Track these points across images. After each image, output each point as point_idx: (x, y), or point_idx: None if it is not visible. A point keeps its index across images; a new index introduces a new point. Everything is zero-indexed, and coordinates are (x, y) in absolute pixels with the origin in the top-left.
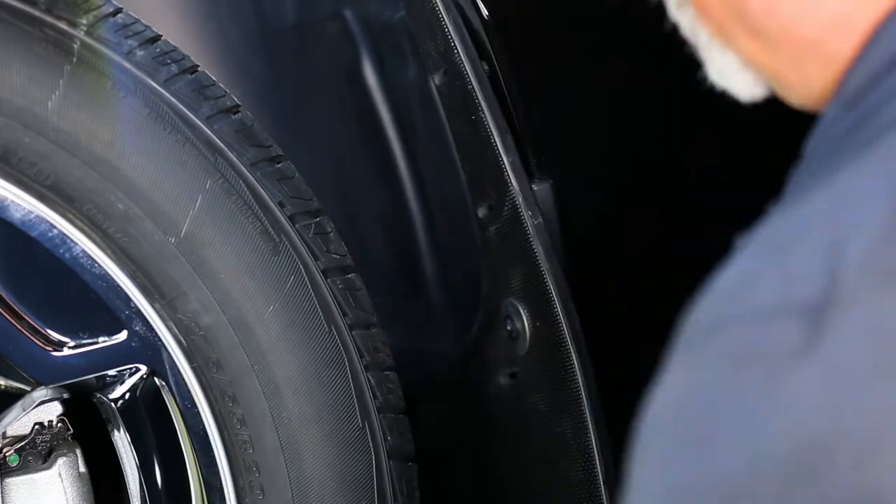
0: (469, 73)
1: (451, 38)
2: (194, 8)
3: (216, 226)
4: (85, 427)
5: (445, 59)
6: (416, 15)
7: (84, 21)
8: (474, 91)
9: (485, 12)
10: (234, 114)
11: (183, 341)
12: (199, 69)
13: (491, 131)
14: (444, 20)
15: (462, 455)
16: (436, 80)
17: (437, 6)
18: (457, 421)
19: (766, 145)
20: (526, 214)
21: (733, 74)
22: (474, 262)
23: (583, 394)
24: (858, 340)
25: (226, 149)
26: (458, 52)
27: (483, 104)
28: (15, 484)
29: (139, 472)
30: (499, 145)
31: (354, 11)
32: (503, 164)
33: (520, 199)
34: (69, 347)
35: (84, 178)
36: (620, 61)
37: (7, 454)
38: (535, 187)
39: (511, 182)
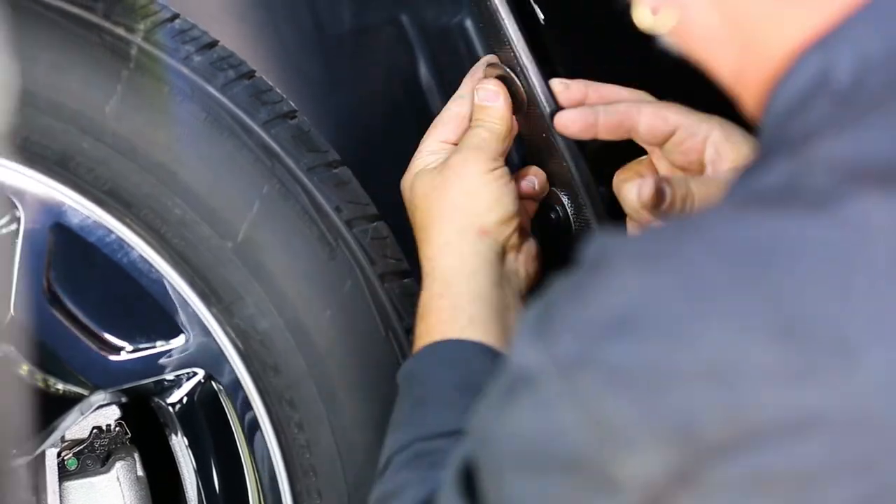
0: (539, 94)
1: (519, 56)
2: (252, 13)
3: (273, 230)
4: (143, 431)
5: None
6: (484, 21)
7: (141, 26)
8: (543, 114)
9: (541, 16)
10: (291, 119)
11: (240, 346)
12: (256, 74)
13: (564, 157)
14: (509, 34)
15: None
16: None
17: (503, 20)
18: None
19: None
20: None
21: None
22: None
23: None
24: None
25: (283, 154)
26: (531, 80)
27: (552, 130)
28: (73, 487)
29: (197, 476)
30: (573, 171)
31: (411, 16)
32: (576, 186)
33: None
34: (127, 352)
35: (141, 184)
36: None
37: (66, 458)
38: None
39: (585, 204)
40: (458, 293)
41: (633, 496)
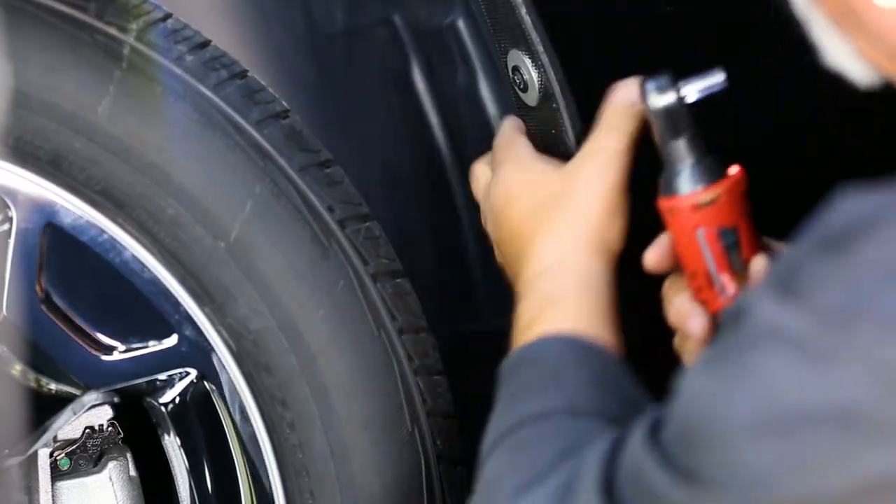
0: (558, 97)
1: (541, 60)
2: (244, 13)
3: (266, 230)
4: (135, 431)
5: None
6: (500, 22)
7: (134, 26)
8: (560, 113)
9: None
10: (284, 119)
11: (233, 346)
12: (248, 74)
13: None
14: (531, 37)
15: None
16: (514, 79)
17: (525, 23)
18: None
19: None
20: None
21: (850, 61)
22: None
23: None
24: None
25: (275, 154)
26: (550, 75)
27: (568, 128)
28: (66, 487)
29: (189, 476)
30: None
31: (403, 17)
32: None
33: None
34: (119, 352)
35: (134, 184)
36: None
37: (58, 458)
38: None
39: None
40: (600, 293)
41: None
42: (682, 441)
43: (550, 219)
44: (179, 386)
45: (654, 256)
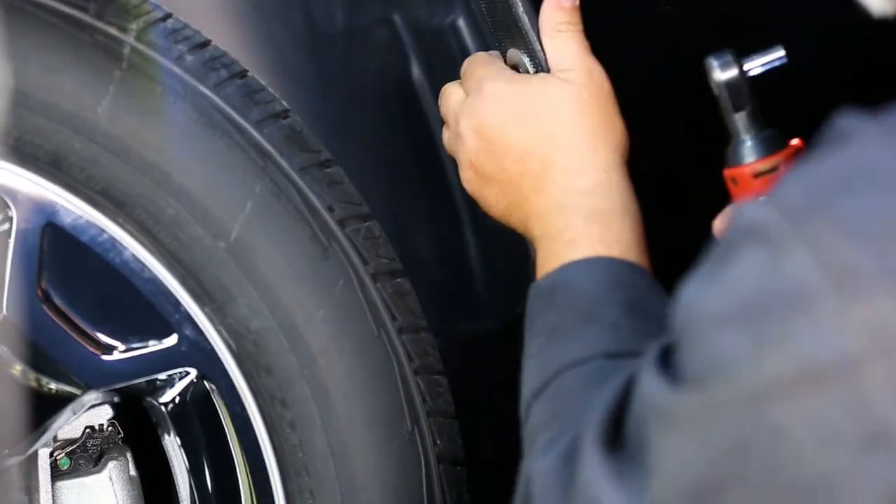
0: None
1: (539, 58)
2: (244, 13)
3: (266, 230)
4: (135, 431)
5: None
6: (498, 21)
7: (134, 26)
8: None
9: None
10: (284, 118)
11: (233, 345)
12: (248, 74)
13: None
14: (528, 35)
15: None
16: None
17: (522, 21)
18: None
19: None
20: None
21: None
22: (525, 272)
23: None
24: None
25: (275, 153)
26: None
27: None
28: (66, 487)
29: (189, 475)
30: None
31: (403, 17)
32: None
33: None
34: (119, 351)
35: (134, 184)
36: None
37: (58, 457)
38: None
39: None
40: (633, 212)
41: (858, 339)
42: (677, 349)
43: (574, 135)
44: (179, 385)
45: (721, 225)
